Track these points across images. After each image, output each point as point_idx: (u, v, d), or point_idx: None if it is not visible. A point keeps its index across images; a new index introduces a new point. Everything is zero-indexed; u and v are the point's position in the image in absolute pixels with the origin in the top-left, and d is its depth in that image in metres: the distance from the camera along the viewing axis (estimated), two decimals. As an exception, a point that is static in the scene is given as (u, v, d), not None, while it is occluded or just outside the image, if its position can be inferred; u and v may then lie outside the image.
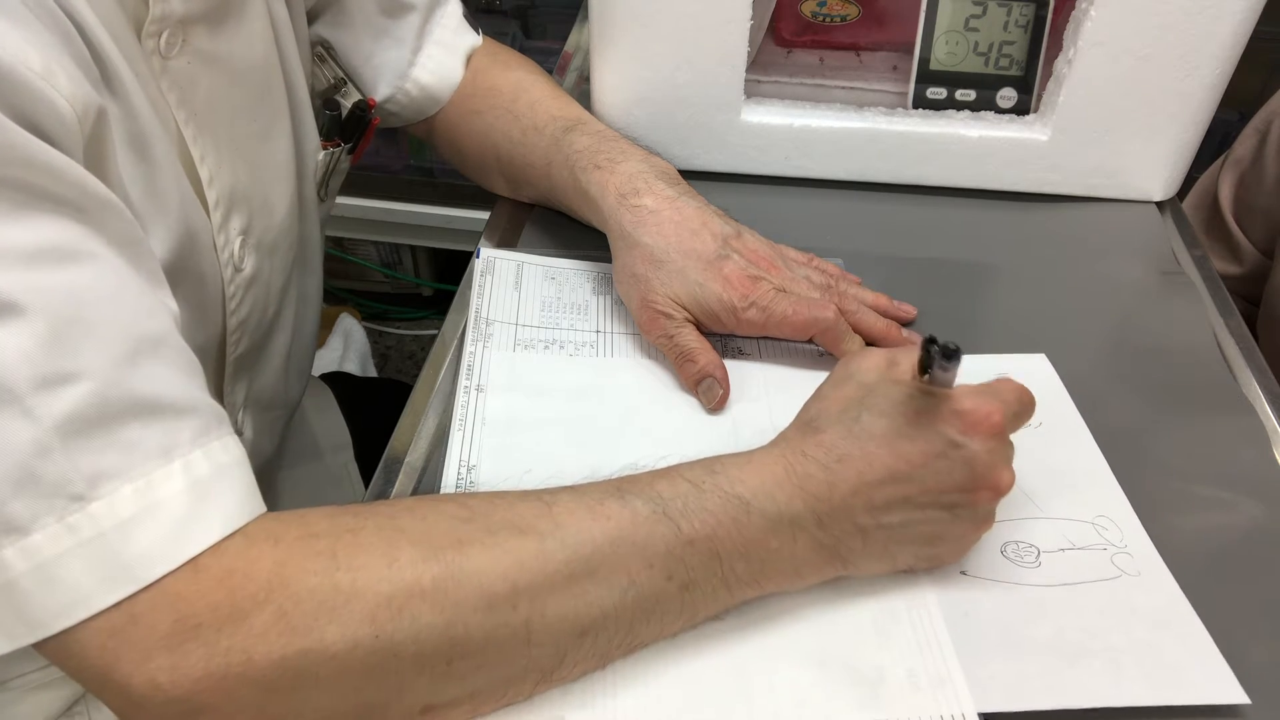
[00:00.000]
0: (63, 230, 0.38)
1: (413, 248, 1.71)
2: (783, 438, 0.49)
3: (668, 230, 0.59)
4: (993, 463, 0.46)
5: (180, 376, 0.41)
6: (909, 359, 0.48)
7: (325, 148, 0.66)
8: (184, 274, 0.51)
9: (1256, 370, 0.62)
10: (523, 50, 0.75)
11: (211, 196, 0.53)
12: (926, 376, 0.46)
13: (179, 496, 0.39)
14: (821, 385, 0.50)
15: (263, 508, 0.42)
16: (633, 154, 0.63)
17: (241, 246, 0.56)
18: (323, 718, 0.39)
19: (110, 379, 0.38)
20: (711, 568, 0.44)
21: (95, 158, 0.42)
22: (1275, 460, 0.57)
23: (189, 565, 0.38)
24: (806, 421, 0.48)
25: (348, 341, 1.53)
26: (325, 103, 0.67)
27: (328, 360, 1.48)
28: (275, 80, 0.58)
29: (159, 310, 0.42)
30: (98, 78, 0.43)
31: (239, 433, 0.63)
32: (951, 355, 0.43)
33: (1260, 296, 0.85)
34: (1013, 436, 0.48)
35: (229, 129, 0.54)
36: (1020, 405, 0.48)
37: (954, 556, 0.49)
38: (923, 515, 0.46)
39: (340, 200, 1.56)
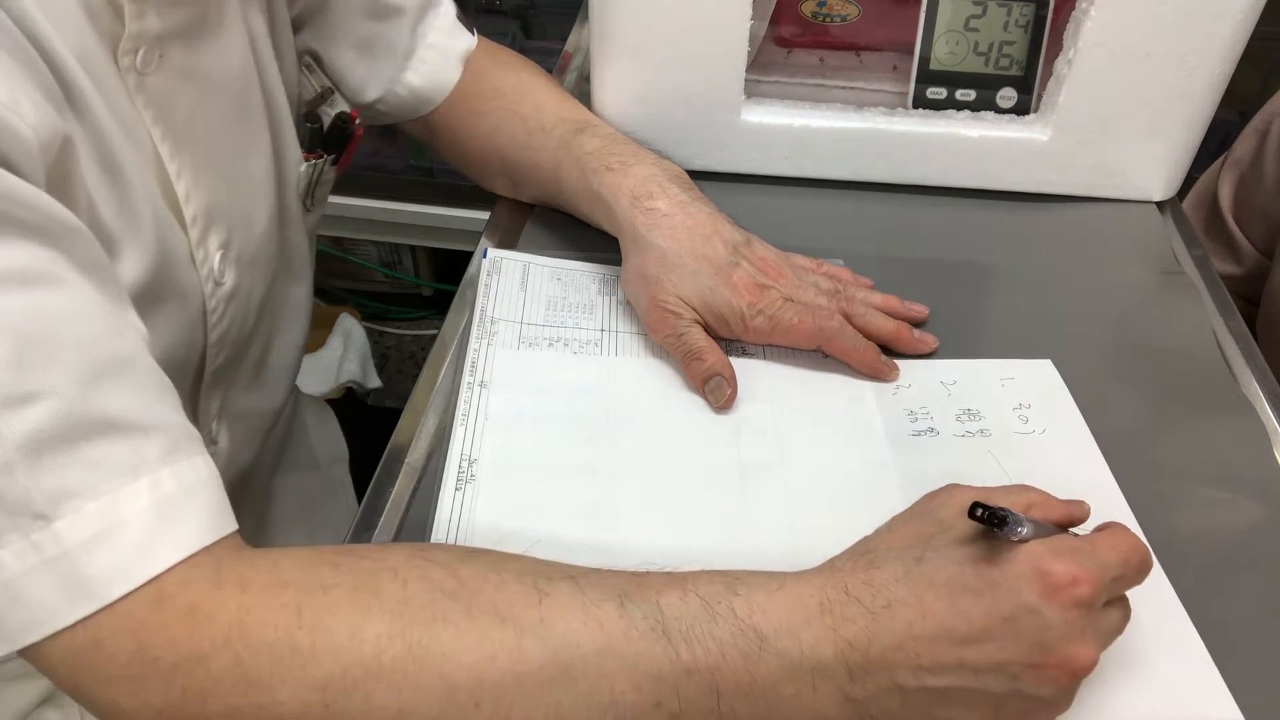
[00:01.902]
0: (30, 255, 0.38)
1: (413, 248, 1.71)
2: (830, 565, 0.43)
3: (680, 235, 0.59)
4: (1069, 635, 0.39)
5: (149, 396, 0.41)
6: (1005, 500, 0.41)
7: (308, 159, 0.65)
8: (163, 290, 0.51)
9: (1256, 370, 0.62)
10: (523, 50, 0.75)
11: (189, 212, 0.53)
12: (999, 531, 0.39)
13: (143, 515, 0.39)
14: (899, 514, 0.44)
15: (232, 527, 0.42)
16: (645, 157, 0.63)
17: (222, 261, 0.56)
18: None
19: (75, 398, 0.38)
20: (707, 703, 0.39)
21: (60, 184, 0.42)
22: (1275, 460, 0.57)
23: (154, 594, 0.38)
24: (862, 552, 0.42)
25: (348, 341, 1.53)
26: (306, 115, 0.67)
27: (328, 360, 1.47)
28: (254, 94, 0.58)
29: (126, 332, 0.42)
30: (63, 102, 0.43)
31: (213, 442, 0.63)
32: (1000, 523, 0.37)
33: (1260, 296, 0.85)
34: (1014, 443, 0.45)
35: (207, 144, 0.54)
36: (1123, 569, 0.41)
37: None
38: (977, 684, 0.39)
39: (340, 200, 1.57)
